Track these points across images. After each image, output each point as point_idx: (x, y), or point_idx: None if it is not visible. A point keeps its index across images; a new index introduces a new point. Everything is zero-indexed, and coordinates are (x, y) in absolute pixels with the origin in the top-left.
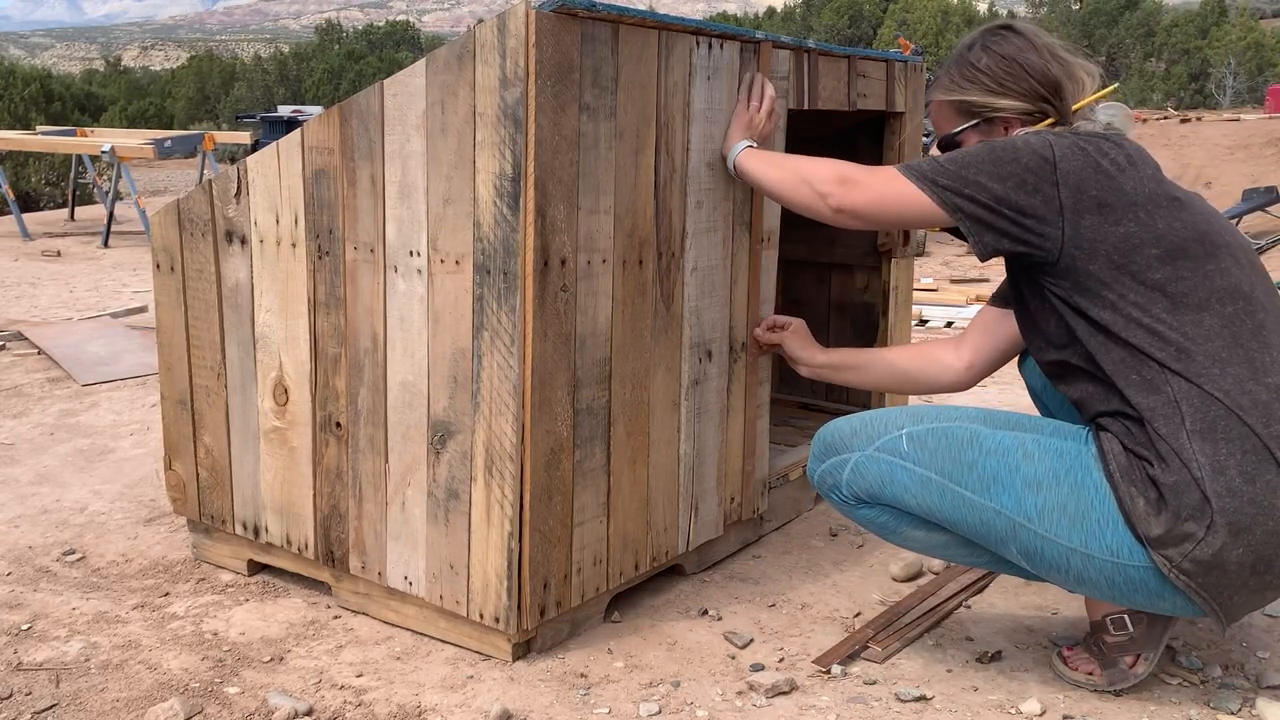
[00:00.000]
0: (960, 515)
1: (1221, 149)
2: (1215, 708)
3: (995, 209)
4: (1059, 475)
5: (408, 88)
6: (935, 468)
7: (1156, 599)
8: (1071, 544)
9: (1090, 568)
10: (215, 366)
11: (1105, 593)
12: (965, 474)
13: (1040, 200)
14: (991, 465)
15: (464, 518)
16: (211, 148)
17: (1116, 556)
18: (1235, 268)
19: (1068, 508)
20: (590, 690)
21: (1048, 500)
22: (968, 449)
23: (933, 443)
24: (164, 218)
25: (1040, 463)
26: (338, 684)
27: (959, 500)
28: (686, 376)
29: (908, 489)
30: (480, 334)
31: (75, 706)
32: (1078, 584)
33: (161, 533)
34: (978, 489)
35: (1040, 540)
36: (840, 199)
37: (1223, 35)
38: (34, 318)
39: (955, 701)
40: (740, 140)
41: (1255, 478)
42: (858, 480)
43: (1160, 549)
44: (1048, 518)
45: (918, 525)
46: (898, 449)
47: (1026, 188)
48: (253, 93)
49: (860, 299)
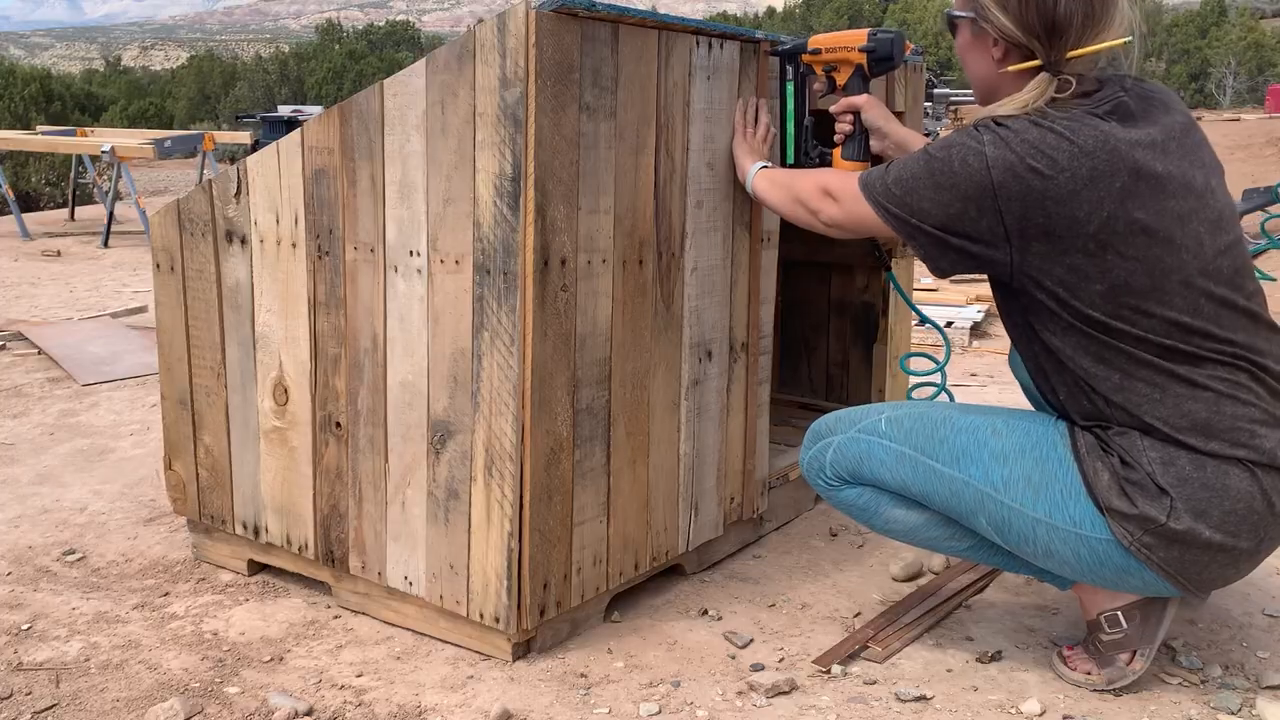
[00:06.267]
0: (931, 487)
1: (1221, 149)
2: (1215, 708)
3: (943, 237)
4: (1025, 449)
5: (408, 88)
6: (910, 444)
7: (1124, 574)
8: (1036, 514)
9: (1055, 539)
10: (215, 366)
11: (1074, 567)
12: (937, 448)
13: (985, 225)
14: (961, 441)
15: (464, 518)
16: (211, 148)
17: (1079, 528)
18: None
19: (1032, 478)
20: (590, 690)
21: (1013, 471)
22: (941, 427)
23: (909, 423)
24: (164, 218)
25: (1008, 438)
26: (338, 684)
27: (930, 473)
28: (686, 376)
29: (884, 463)
30: (480, 334)
31: (75, 706)
32: (1047, 558)
33: (161, 533)
34: (948, 461)
35: (1007, 511)
36: (827, 214)
37: (1223, 35)
38: (34, 318)
39: (955, 701)
40: (753, 163)
41: (1204, 465)
42: (840, 460)
43: (1121, 522)
44: (1013, 488)
45: (898, 504)
46: (876, 429)
47: (969, 215)
48: (253, 93)
49: (860, 299)
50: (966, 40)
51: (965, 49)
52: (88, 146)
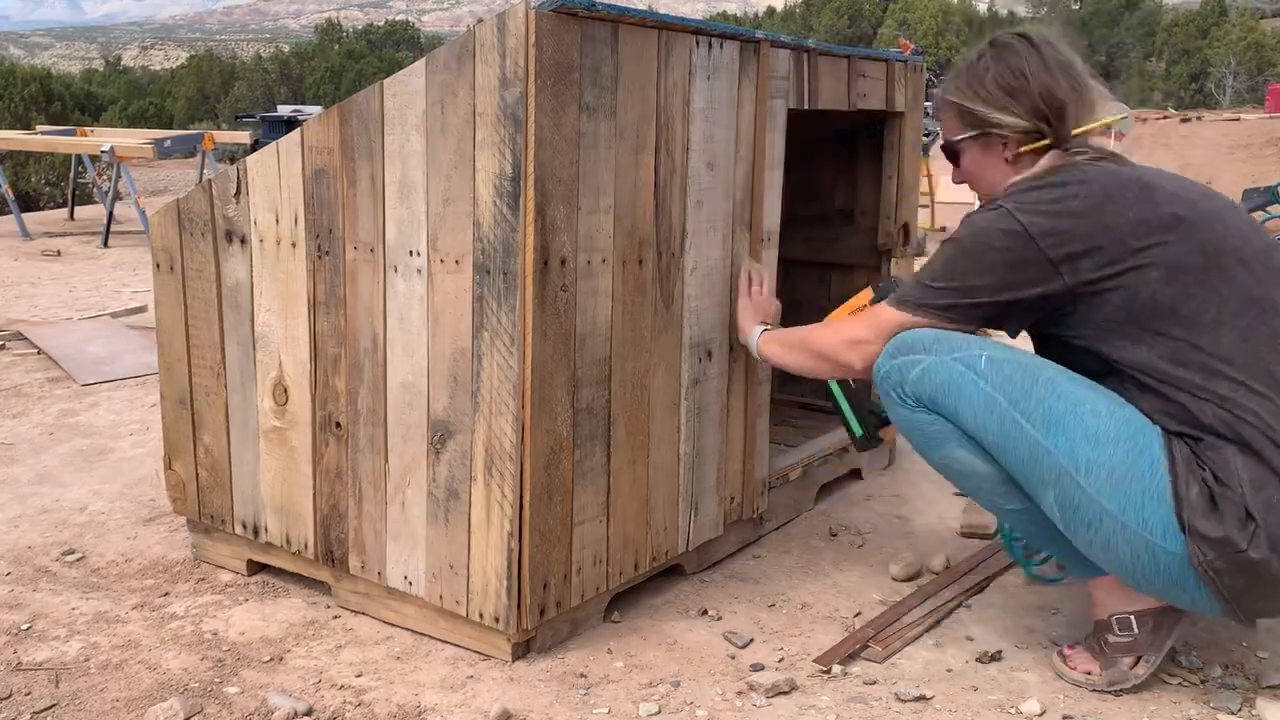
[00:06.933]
0: (1013, 444)
1: (1222, 149)
2: (1215, 708)
3: (999, 301)
4: (1120, 437)
5: (408, 87)
6: (1005, 392)
7: (1176, 588)
8: (1110, 506)
9: (1120, 537)
10: (215, 366)
11: (1127, 568)
12: (1032, 407)
13: (1034, 267)
14: (1059, 408)
15: (464, 517)
16: (211, 147)
17: (1150, 534)
18: (1244, 274)
19: (1117, 470)
20: (590, 690)
21: (1101, 456)
22: (1041, 386)
23: (1009, 370)
24: (164, 217)
25: (1106, 421)
26: (337, 684)
27: (1017, 430)
28: (686, 376)
29: (972, 402)
30: (480, 334)
31: (75, 706)
32: (1102, 551)
33: (161, 533)
34: (1039, 424)
35: (1081, 494)
36: (865, 359)
37: (1223, 35)
38: (34, 317)
39: (955, 701)
40: (755, 326)
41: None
42: (925, 381)
43: (1199, 542)
44: (1095, 473)
45: (967, 446)
46: (975, 364)
47: (1016, 266)
48: (253, 92)
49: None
50: (976, 158)
51: (976, 166)
52: (87, 146)
